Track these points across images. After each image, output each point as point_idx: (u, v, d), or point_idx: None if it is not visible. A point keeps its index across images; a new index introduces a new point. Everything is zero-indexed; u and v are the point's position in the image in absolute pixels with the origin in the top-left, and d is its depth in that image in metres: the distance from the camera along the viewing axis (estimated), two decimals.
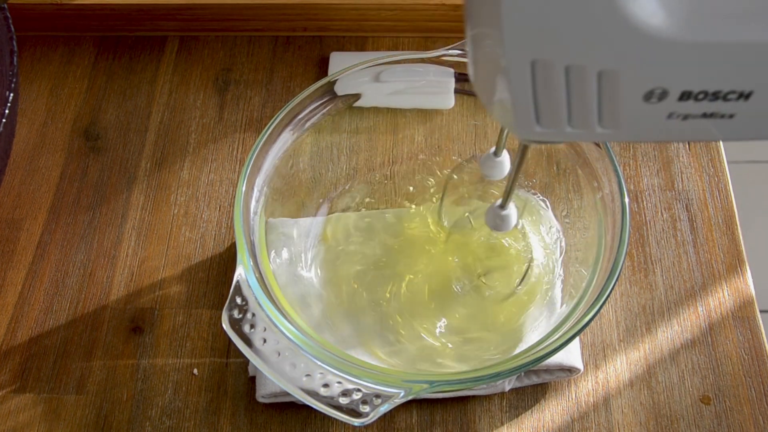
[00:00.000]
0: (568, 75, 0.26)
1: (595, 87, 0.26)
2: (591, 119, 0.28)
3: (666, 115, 0.27)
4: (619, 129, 0.28)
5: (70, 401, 0.47)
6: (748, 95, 0.26)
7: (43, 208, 0.55)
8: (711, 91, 0.25)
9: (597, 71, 0.25)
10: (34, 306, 0.51)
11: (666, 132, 0.28)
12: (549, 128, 0.28)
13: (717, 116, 0.27)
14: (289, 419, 0.46)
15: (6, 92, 0.47)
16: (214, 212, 0.54)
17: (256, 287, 0.38)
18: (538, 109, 0.28)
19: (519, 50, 0.25)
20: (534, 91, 0.27)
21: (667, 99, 0.26)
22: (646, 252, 0.52)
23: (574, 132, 0.28)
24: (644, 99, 0.26)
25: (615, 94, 0.26)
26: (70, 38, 0.63)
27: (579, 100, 0.27)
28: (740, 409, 0.46)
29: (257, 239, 0.42)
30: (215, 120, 0.59)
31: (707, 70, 0.25)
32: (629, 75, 0.25)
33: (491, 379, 0.37)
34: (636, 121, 0.27)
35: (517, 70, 0.26)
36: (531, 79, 0.26)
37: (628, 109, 0.27)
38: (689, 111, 0.26)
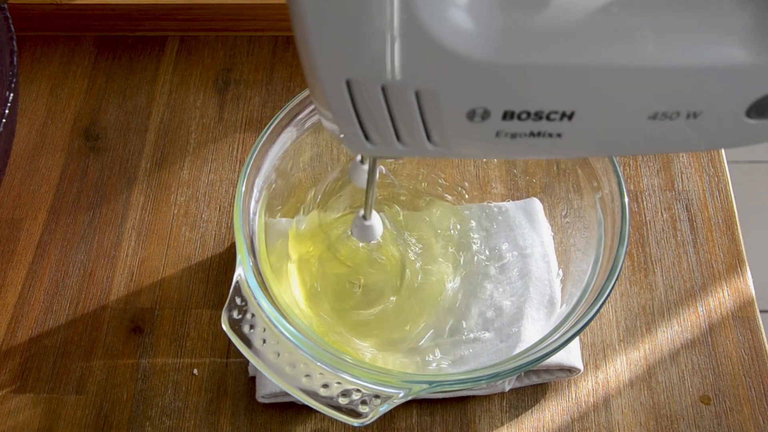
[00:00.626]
0: (386, 93, 0.25)
1: (415, 105, 0.26)
2: (419, 137, 0.27)
3: (494, 134, 0.26)
4: (450, 146, 0.28)
5: (70, 401, 0.47)
6: (571, 115, 0.25)
7: (43, 208, 0.55)
8: (533, 111, 0.25)
9: (414, 90, 0.25)
10: (34, 306, 0.51)
11: (498, 150, 0.28)
12: (379, 145, 0.28)
13: (545, 135, 0.26)
14: (289, 419, 0.46)
15: (6, 92, 0.47)
16: (214, 212, 0.54)
17: (256, 288, 0.38)
18: (364, 127, 0.27)
19: (332, 69, 0.25)
20: (355, 109, 0.26)
21: (490, 118, 0.26)
22: (646, 252, 0.52)
23: (405, 149, 0.28)
24: (467, 118, 0.26)
25: (437, 113, 0.26)
26: (70, 38, 0.63)
27: (402, 118, 0.26)
28: (740, 409, 0.46)
29: (257, 239, 0.42)
30: (215, 120, 0.59)
31: (524, 90, 0.25)
32: (447, 94, 0.25)
33: (491, 379, 0.37)
34: (465, 139, 0.27)
35: (334, 88, 0.25)
36: (349, 98, 0.26)
37: (454, 128, 0.26)
38: (515, 130, 0.26)
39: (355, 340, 0.44)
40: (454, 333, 0.45)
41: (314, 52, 0.24)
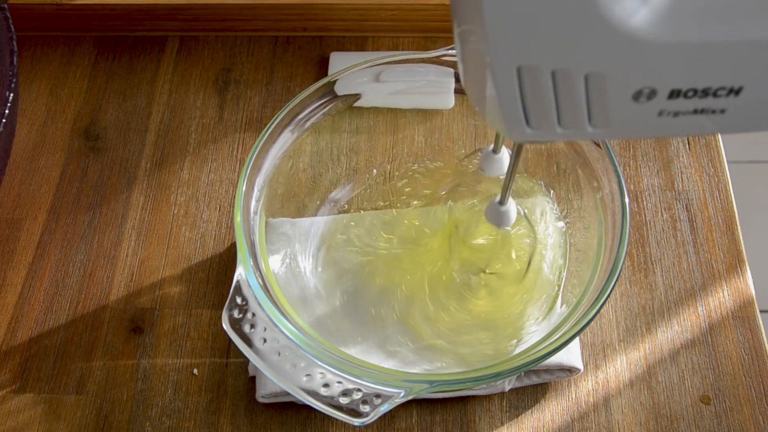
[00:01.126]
0: (555, 79, 0.26)
1: (583, 89, 0.26)
2: (581, 120, 0.27)
3: (657, 113, 0.27)
4: (610, 128, 0.28)
5: (70, 401, 0.47)
6: (738, 91, 0.25)
7: (43, 208, 0.55)
8: (700, 88, 0.25)
9: (583, 74, 0.25)
10: (34, 306, 0.51)
11: (658, 128, 0.28)
12: (539, 130, 0.28)
13: (708, 112, 0.26)
14: (289, 419, 0.46)
15: (6, 92, 0.47)
16: (214, 212, 0.54)
17: (256, 287, 0.38)
18: (527, 112, 0.28)
19: (504, 57, 0.25)
20: (522, 96, 0.27)
21: (656, 98, 0.26)
22: (646, 252, 0.52)
23: (565, 132, 0.28)
24: (633, 99, 0.26)
25: (603, 96, 0.26)
26: (70, 38, 0.63)
27: (567, 102, 0.27)
28: (740, 409, 0.46)
29: (257, 239, 0.42)
30: (215, 120, 0.59)
31: (694, 68, 0.25)
32: (616, 76, 0.25)
33: (491, 379, 0.37)
34: (627, 120, 0.27)
35: (504, 76, 0.26)
36: (518, 84, 0.26)
37: (618, 109, 0.27)
38: (680, 108, 0.26)
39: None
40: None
41: (490, 39, 0.24)
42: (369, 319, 0.45)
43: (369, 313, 0.46)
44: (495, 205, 0.41)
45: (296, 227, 0.48)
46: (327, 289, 0.46)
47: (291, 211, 0.49)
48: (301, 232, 0.48)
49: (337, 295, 0.46)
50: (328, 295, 0.46)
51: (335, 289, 0.47)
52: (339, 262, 0.47)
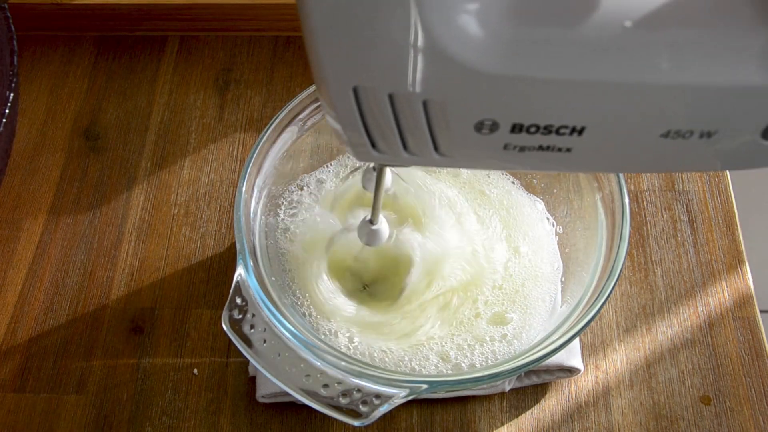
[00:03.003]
0: (393, 102, 0.25)
1: (423, 115, 0.25)
2: (426, 147, 0.27)
3: (502, 146, 0.26)
4: (456, 157, 0.27)
5: (70, 401, 0.47)
6: (581, 130, 0.25)
7: (43, 208, 0.55)
8: (542, 125, 0.25)
9: (422, 100, 0.25)
10: (34, 306, 0.51)
11: (506, 162, 0.27)
12: (385, 154, 0.28)
13: (554, 149, 0.26)
14: (289, 419, 0.46)
15: (6, 92, 0.47)
16: (215, 212, 0.54)
17: (256, 287, 0.38)
18: (370, 135, 0.27)
19: (339, 77, 0.24)
20: (362, 117, 0.26)
21: (498, 131, 0.25)
22: (646, 252, 0.52)
23: (411, 158, 0.28)
24: (475, 129, 0.25)
25: (444, 124, 0.25)
26: (71, 38, 0.63)
27: (409, 127, 0.26)
28: (740, 410, 0.46)
29: (257, 239, 0.42)
30: (215, 120, 0.59)
31: (534, 104, 0.24)
32: (455, 105, 0.24)
33: (491, 379, 0.37)
34: (473, 150, 0.27)
35: (341, 96, 0.25)
36: (356, 106, 0.25)
37: (462, 139, 0.26)
38: (524, 143, 0.26)
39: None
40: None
41: (322, 57, 0.24)
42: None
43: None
44: (365, 224, 0.40)
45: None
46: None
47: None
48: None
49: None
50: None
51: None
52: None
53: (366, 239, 0.40)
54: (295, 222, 0.47)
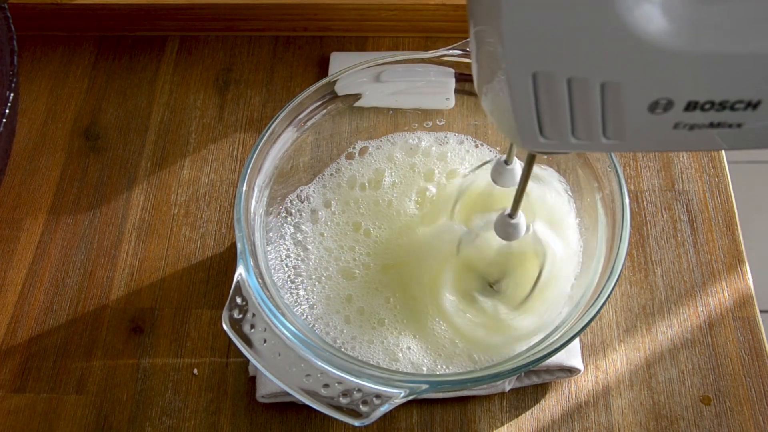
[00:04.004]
0: (571, 87, 0.25)
1: (599, 99, 0.25)
2: (595, 131, 0.27)
3: (672, 126, 0.26)
4: (625, 140, 0.27)
5: (70, 401, 0.47)
6: (756, 104, 0.25)
7: (43, 208, 0.55)
8: (718, 101, 0.25)
9: (600, 83, 0.25)
10: (34, 306, 0.51)
11: (673, 142, 0.27)
12: (553, 140, 0.28)
13: (725, 126, 0.26)
14: (289, 419, 0.46)
15: (6, 92, 0.47)
16: (215, 212, 0.54)
17: (257, 287, 0.38)
18: (541, 121, 0.27)
19: (520, 62, 0.25)
20: (536, 103, 0.26)
21: (672, 109, 0.25)
22: (646, 252, 0.52)
23: (578, 143, 0.28)
24: (649, 110, 0.25)
25: (619, 106, 0.26)
26: (70, 38, 0.63)
27: (582, 111, 0.26)
28: (740, 410, 0.46)
29: (257, 239, 0.42)
30: (215, 120, 0.59)
31: (712, 80, 0.24)
32: (633, 86, 0.25)
33: (491, 379, 0.37)
34: (642, 132, 0.27)
35: (519, 82, 0.25)
36: (533, 91, 0.26)
37: (634, 120, 0.26)
38: (696, 121, 0.26)
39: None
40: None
41: (507, 44, 0.24)
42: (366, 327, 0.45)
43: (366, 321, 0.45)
44: (504, 218, 0.40)
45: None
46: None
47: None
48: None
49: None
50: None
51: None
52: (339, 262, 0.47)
53: (504, 234, 0.40)
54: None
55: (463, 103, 0.51)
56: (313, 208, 0.49)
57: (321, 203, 0.49)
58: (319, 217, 0.48)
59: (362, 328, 0.44)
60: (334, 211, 0.48)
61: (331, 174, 0.50)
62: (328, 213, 0.48)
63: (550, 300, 0.43)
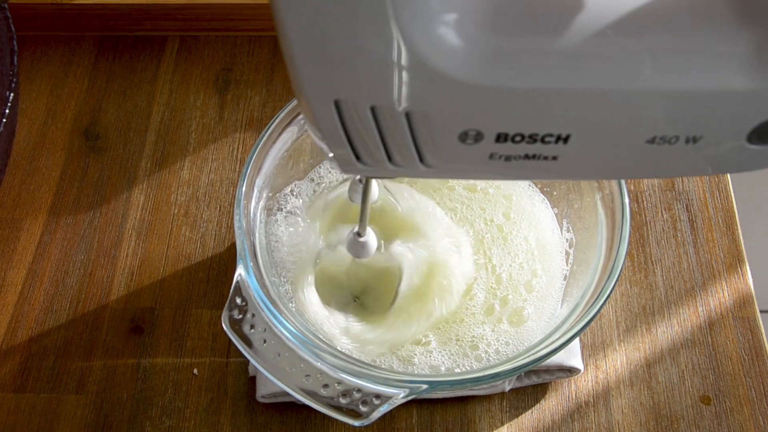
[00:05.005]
0: (376, 115, 0.25)
1: (406, 127, 0.25)
2: (411, 159, 0.27)
3: (487, 156, 0.26)
4: (442, 168, 0.27)
5: (70, 401, 0.47)
6: (567, 138, 0.25)
7: (43, 208, 0.55)
8: (527, 134, 0.24)
9: (404, 111, 0.24)
10: (34, 306, 0.51)
11: (493, 171, 0.27)
12: (370, 166, 0.28)
13: (540, 158, 0.26)
14: (289, 419, 0.46)
15: (6, 92, 0.47)
16: (215, 212, 0.54)
17: (256, 288, 0.38)
18: (354, 148, 0.27)
19: (319, 89, 0.24)
20: (345, 130, 0.26)
21: (483, 140, 0.25)
22: (646, 252, 0.52)
23: (397, 169, 0.28)
24: (460, 140, 0.25)
25: (428, 135, 0.25)
26: (71, 38, 0.63)
27: (393, 139, 0.26)
28: (740, 410, 0.46)
29: (257, 239, 0.42)
30: (215, 120, 0.59)
31: (518, 113, 0.24)
32: (438, 117, 0.24)
33: (491, 379, 0.37)
34: (458, 161, 0.26)
35: (322, 109, 0.25)
36: (338, 119, 0.25)
37: (446, 150, 0.26)
38: (510, 152, 0.25)
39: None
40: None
41: (301, 71, 0.23)
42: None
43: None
44: (354, 236, 0.39)
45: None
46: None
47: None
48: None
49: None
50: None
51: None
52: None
53: (354, 252, 0.40)
54: (287, 232, 0.47)
55: None
56: (303, 206, 0.49)
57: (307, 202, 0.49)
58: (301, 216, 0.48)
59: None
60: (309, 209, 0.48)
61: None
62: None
63: (414, 315, 0.43)
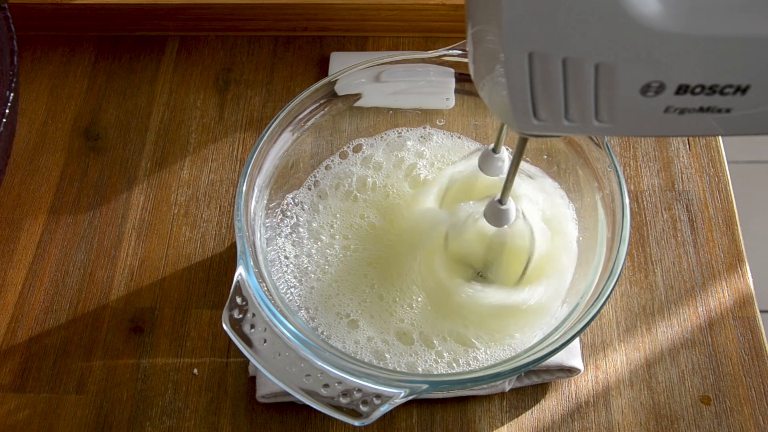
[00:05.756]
0: (565, 67, 0.26)
1: (592, 80, 0.26)
2: (588, 113, 0.27)
3: (663, 109, 0.27)
4: (616, 123, 0.28)
5: (70, 401, 0.47)
6: (745, 89, 0.25)
7: (43, 208, 0.55)
8: (708, 85, 0.25)
9: (594, 64, 0.25)
10: (34, 306, 0.51)
11: (662, 126, 0.28)
12: (546, 121, 0.28)
13: (714, 110, 0.26)
14: (289, 419, 0.46)
15: (6, 92, 0.47)
16: (215, 212, 0.54)
17: (257, 287, 0.38)
18: (535, 102, 0.28)
19: (517, 42, 0.25)
20: (531, 84, 0.27)
21: (664, 93, 0.26)
22: (646, 252, 0.52)
23: (570, 125, 0.28)
24: (641, 92, 0.26)
25: (612, 87, 0.26)
26: (71, 38, 0.63)
27: (575, 92, 0.27)
28: (740, 410, 0.46)
29: (257, 239, 0.42)
30: (215, 120, 0.59)
31: (704, 63, 0.25)
32: (626, 68, 0.25)
33: (491, 379, 0.37)
34: (633, 115, 0.27)
35: (515, 62, 0.26)
36: (528, 72, 0.26)
37: (625, 103, 0.27)
38: (686, 105, 0.26)
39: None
40: None
41: (504, 23, 0.24)
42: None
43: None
44: (494, 204, 0.40)
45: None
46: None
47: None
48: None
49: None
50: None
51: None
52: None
53: (495, 220, 0.40)
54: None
55: (463, 103, 0.51)
56: (310, 205, 0.49)
57: (316, 202, 0.49)
58: (314, 216, 0.48)
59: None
60: (327, 210, 0.48)
61: (324, 170, 0.50)
62: (324, 207, 0.48)
63: (550, 274, 0.44)
